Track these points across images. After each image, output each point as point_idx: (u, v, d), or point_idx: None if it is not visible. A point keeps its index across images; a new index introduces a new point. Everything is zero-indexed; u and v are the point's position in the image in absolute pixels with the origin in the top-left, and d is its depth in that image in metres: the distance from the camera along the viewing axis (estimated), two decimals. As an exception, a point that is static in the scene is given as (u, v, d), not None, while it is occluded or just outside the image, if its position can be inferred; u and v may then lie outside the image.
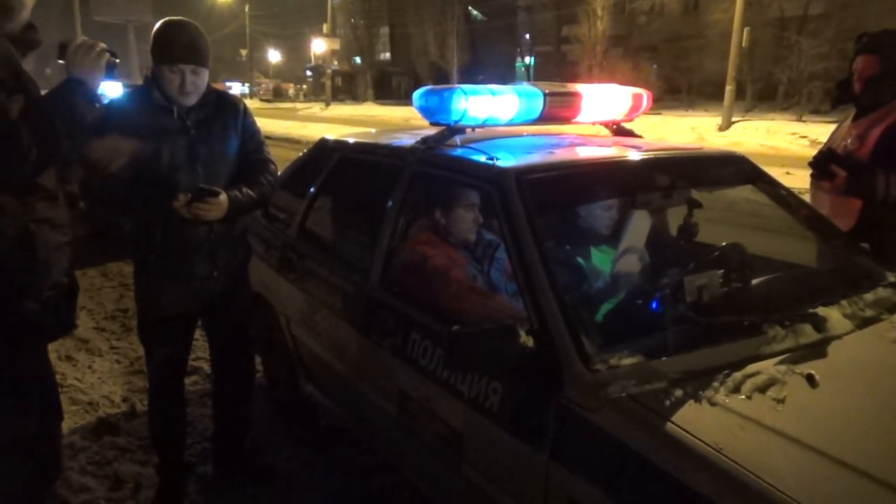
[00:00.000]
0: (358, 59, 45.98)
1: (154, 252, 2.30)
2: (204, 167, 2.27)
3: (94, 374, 3.73)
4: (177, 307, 2.40)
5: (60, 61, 1.84)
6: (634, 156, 2.35)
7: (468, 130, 2.44)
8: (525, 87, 2.49)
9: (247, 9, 52.34)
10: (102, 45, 1.87)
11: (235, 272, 2.52)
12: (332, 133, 3.33)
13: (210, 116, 2.32)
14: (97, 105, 1.87)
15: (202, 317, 2.56)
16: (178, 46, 2.16)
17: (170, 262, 2.32)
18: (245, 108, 2.45)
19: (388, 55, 45.05)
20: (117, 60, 1.92)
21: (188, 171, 2.25)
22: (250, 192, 2.34)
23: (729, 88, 17.75)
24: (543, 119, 2.50)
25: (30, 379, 1.93)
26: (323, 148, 3.21)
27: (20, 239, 1.76)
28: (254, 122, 2.48)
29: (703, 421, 1.42)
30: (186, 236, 2.29)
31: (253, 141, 2.44)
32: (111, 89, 4.90)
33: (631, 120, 2.87)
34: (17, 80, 1.74)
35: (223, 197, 2.23)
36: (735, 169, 2.61)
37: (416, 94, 2.40)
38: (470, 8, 39.25)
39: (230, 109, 2.38)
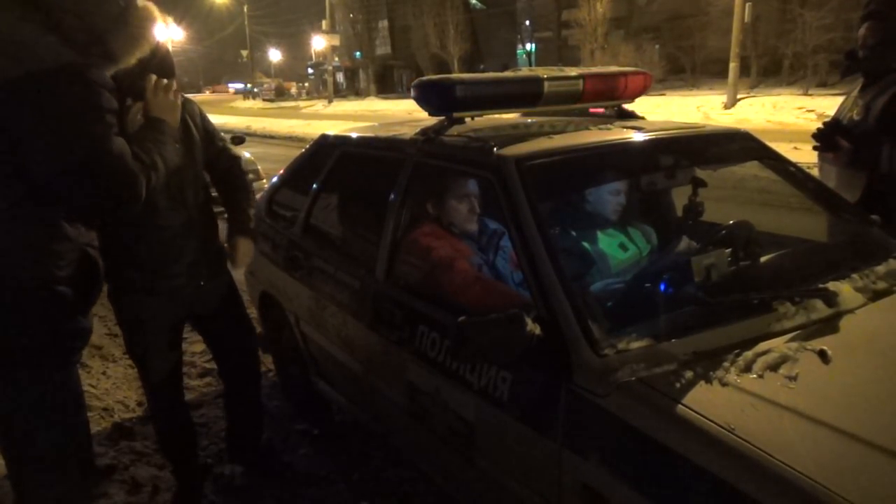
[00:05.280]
0: (358, 55, 45.88)
1: (140, 268, 2.24)
2: (173, 174, 2.14)
3: (109, 379, 3.75)
4: (167, 318, 2.36)
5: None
6: (636, 137, 2.32)
7: (468, 119, 2.42)
8: (524, 72, 2.46)
9: (245, 9, 52.29)
10: (173, 83, 1.99)
11: (221, 274, 2.50)
12: (335, 129, 3.31)
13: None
14: (178, 146, 1.95)
15: (197, 325, 2.56)
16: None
17: (156, 276, 2.26)
18: (200, 108, 2.42)
19: (388, 49, 44.89)
20: (186, 96, 2.06)
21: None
22: (247, 200, 2.50)
23: (733, 65, 17.53)
24: (543, 104, 2.47)
25: (64, 393, 1.91)
26: (324, 144, 3.20)
27: (81, 261, 1.79)
28: (210, 121, 2.47)
29: (714, 402, 1.40)
30: (171, 248, 2.26)
31: (216, 137, 2.46)
32: None
33: (632, 101, 2.84)
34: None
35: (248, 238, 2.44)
36: (740, 146, 2.58)
37: (415, 86, 2.38)
38: (469, -4, 39.05)
39: (189, 111, 2.32)
